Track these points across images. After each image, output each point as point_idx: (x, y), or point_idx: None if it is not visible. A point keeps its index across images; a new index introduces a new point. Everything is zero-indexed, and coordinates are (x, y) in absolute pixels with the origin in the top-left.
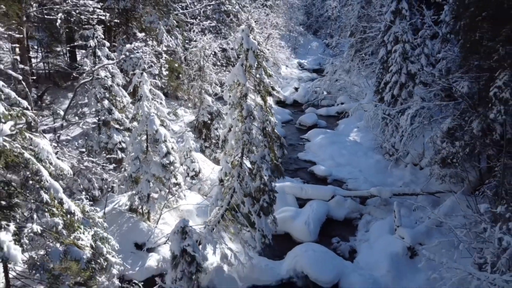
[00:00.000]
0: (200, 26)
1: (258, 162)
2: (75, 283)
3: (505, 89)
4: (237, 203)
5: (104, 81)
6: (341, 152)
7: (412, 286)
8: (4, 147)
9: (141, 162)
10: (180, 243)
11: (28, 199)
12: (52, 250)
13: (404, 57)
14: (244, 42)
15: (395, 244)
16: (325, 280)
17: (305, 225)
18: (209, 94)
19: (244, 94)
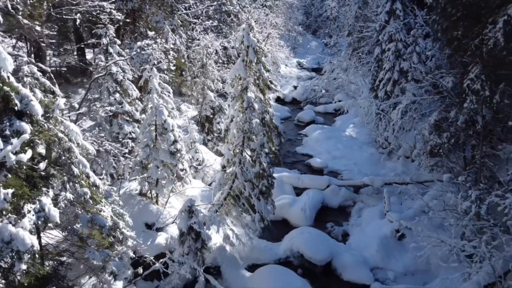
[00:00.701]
0: (202, 25)
1: (257, 150)
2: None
3: (477, 81)
4: (238, 188)
5: (116, 75)
6: (337, 146)
7: (399, 264)
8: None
9: (151, 150)
10: (187, 221)
11: (61, 172)
12: (81, 216)
13: (396, 55)
14: (245, 40)
15: (384, 228)
16: (319, 258)
17: (301, 211)
18: (212, 90)
19: (245, 87)
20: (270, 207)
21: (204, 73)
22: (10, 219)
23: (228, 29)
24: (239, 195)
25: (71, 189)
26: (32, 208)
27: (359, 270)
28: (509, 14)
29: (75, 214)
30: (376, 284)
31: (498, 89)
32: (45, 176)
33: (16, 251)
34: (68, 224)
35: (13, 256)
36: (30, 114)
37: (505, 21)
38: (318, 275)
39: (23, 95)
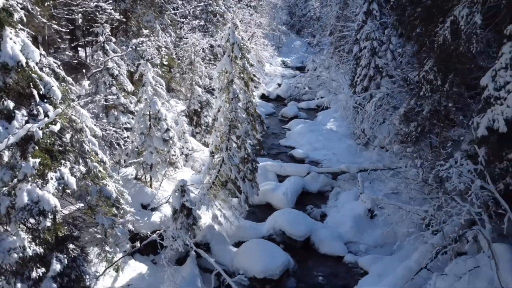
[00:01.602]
0: (189, 25)
1: (242, 136)
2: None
3: (430, 72)
4: (225, 171)
5: (111, 70)
6: (318, 138)
7: (370, 239)
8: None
9: (146, 137)
10: (179, 199)
11: (74, 149)
12: (91, 187)
13: (372, 52)
14: (230, 37)
15: (358, 208)
16: (299, 234)
17: (283, 195)
18: (199, 85)
19: (230, 80)
20: (254, 189)
21: (192, 70)
22: (37, 183)
23: (214, 28)
24: (227, 179)
25: (83, 163)
26: (54, 176)
27: (334, 244)
28: (455, 15)
29: (86, 185)
30: (349, 255)
31: (448, 79)
32: (62, 151)
33: (42, 210)
34: (80, 194)
35: (39, 214)
36: (51, 97)
37: (451, 21)
38: (298, 250)
39: (46, 81)
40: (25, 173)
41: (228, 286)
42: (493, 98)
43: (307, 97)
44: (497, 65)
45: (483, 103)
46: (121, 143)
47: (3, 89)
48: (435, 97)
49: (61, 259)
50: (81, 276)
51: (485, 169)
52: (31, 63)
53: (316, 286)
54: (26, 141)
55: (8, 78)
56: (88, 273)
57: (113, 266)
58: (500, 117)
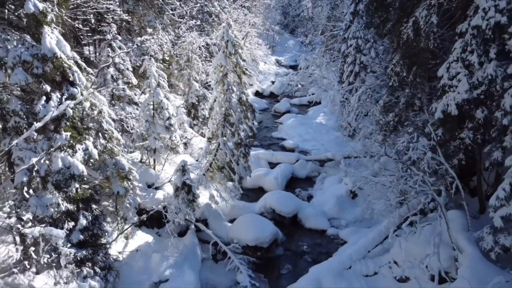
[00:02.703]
0: (187, 24)
1: (236, 123)
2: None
3: (397, 65)
4: (221, 155)
5: (118, 65)
6: (308, 131)
7: (351, 215)
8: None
9: (150, 124)
10: (181, 178)
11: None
12: (108, 160)
13: (357, 50)
14: (225, 36)
15: (341, 189)
16: (287, 211)
17: (274, 180)
18: (196, 80)
19: (225, 73)
20: (247, 171)
21: (189, 66)
22: (68, 152)
23: (210, 27)
24: (223, 163)
25: (102, 138)
26: (81, 147)
27: (318, 219)
28: (416, 16)
29: (104, 159)
30: (331, 229)
31: (412, 71)
32: (86, 127)
33: (72, 174)
34: (99, 166)
35: (70, 177)
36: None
37: (413, 21)
38: (287, 225)
39: (74, 70)
40: (59, 144)
41: (224, 253)
42: (447, 86)
43: (299, 94)
44: (450, 58)
45: (440, 91)
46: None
47: (42, 76)
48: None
49: (86, 216)
50: (101, 233)
51: (437, 144)
52: (63, 55)
53: (301, 254)
54: (59, 119)
55: (46, 67)
56: (107, 231)
57: (123, 234)
58: (452, 102)
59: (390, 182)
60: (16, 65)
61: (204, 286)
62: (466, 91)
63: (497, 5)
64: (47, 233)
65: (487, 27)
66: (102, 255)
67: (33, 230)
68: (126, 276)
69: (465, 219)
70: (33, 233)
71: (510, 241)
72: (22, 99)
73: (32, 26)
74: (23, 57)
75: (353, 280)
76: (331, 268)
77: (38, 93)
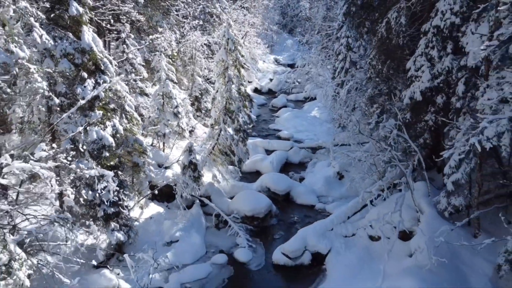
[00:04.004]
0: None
1: (235, 111)
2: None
3: (373, 59)
4: (222, 139)
5: (131, 60)
6: (302, 123)
7: (337, 193)
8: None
9: (160, 112)
10: (188, 157)
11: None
12: (130, 136)
13: (347, 48)
14: (226, 34)
15: (329, 171)
16: (281, 189)
17: (270, 164)
18: (199, 76)
19: (226, 67)
20: (246, 154)
21: (193, 62)
22: (100, 127)
23: (211, 27)
24: (224, 147)
25: (124, 118)
26: (110, 124)
27: (308, 196)
28: (388, 17)
29: (126, 136)
30: (319, 204)
31: (386, 64)
32: (112, 109)
33: (103, 144)
34: (123, 141)
35: (102, 147)
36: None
37: (386, 22)
38: (280, 201)
39: (104, 61)
40: (94, 120)
41: (225, 222)
42: (414, 76)
43: (296, 91)
44: (416, 53)
45: (408, 81)
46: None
47: (81, 65)
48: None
49: (114, 180)
50: (124, 196)
51: (402, 124)
52: (96, 49)
53: (292, 223)
54: (92, 100)
55: (84, 58)
56: (128, 195)
57: (139, 204)
58: (417, 89)
59: (365, 157)
60: (62, 56)
61: (208, 247)
62: (429, 81)
63: (452, 8)
64: (101, 173)
65: (444, 27)
66: (125, 215)
67: (90, 171)
68: (142, 236)
69: (426, 187)
70: (90, 173)
71: (459, 201)
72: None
73: (74, 25)
74: (67, 50)
75: (334, 239)
76: (315, 230)
77: (77, 79)
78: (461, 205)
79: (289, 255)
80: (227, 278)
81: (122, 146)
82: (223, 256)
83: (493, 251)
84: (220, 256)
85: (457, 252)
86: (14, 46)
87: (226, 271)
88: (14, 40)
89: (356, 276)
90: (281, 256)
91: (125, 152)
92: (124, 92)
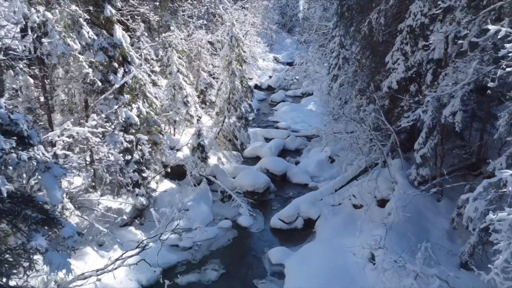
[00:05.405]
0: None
1: (238, 101)
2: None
3: (358, 54)
4: (226, 126)
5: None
6: (299, 115)
7: (328, 174)
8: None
9: (171, 101)
10: (197, 140)
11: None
12: (149, 118)
13: (341, 46)
14: (230, 32)
15: (321, 156)
16: (278, 170)
17: (269, 149)
18: (204, 71)
19: (230, 61)
20: (247, 138)
21: (199, 58)
22: (128, 108)
23: (214, 26)
24: (228, 133)
25: (146, 103)
26: (135, 106)
27: (302, 176)
28: (370, 18)
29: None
30: (312, 183)
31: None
32: (136, 94)
33: (130, 122)
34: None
35: (129, 125)
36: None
37: (368, 22)
38: (278, 181)
39: (130, 54)
40: (123, 102)
41: (229, 196)
42: (391, 69)
43: (294, 87)
44: (393, 48)
45: (387, 72)
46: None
47: (113, 57)
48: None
49: (138, 153)
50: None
51: (379, 108)
52: (125, 44)
53: (288, 198)
54: (122, 86)
55: (115, 51)
56: (149, 168)
57: (154, 179)
58: (394, 80)
59: (350, 137)
60: (98, 49)
61: (215, 216)
62: (403, 72)
63: (422, 10)
64: (138, 137)
65: (416, 26)
66: (146, 184)
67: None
68: (159, 205)
69: (401, 162)
70: (130, 138)
71: (426, 171)
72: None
73: (107, 24)
74: (103, 44)
75: (323, 207)
76: (307, 199)
77: (110, 68)
78: (428, 175)
79: (285, 220)
80: (231, 238)
81: (144, 126)
82: (228, 221)
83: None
84: (225, 222)
85: (422, 212)
86: (70, 40)
87: (230, 233)
88: (70, 36)
89: (339, 235)
90: (278, 221)
91: (145, 131)
92: (145, 80)
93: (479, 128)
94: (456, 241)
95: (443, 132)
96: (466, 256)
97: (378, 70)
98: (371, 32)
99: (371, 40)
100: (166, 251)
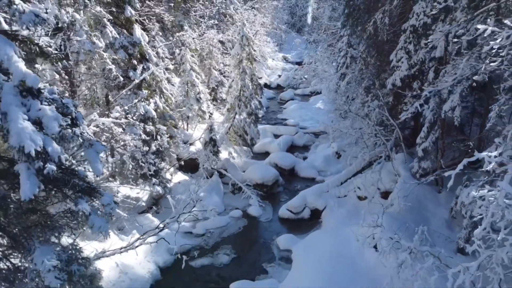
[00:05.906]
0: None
1: (248, 97)
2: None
3: (364, 52)
4: (237, 122)
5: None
6: (307, 113)
7: (334, 169)
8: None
9: (184, 97)
10: (209, 134)
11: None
12: (165, 113)
13: (349, 45)
14: (241, 31)
15: (329, 151)
16: (286, 164)
17: (277, 145)
18: (216, 69)
19: (240, 59)
20: (257, 134)
21: (210, 57)
22: (146, 103)
23: (224, 26)
24: (238, 127)
25: (162, 98)
26: (152, 101)
27: (310, 170)
28: (375, 18)
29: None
30: (319, 177)
31: (374, 57)
32: (153, 90)
33: (148, 116)
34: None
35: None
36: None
37: (373, 22)
38: (286, 175)
39: (148, 52)
40: (142, 97)
41: (239, 189)
42: (395, 66)
43: (303, 86)
44: (397, 47)
45: (392, 70)
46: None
47: (132, 55)
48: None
49: (155, 144)
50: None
51: (383, 104)
52: (143, 42)
53: (296, 191)
54: (140, 82)
55: (135, 49)
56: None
57: (169, 171)
58: (398, 77)
59: (355, 132)
60: (119, 47)
61: (226, 206)
62: (407, 70)
63: (425, 10)
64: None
65: (419, 26)
66: (162, 174)
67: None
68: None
69: (404, 156)
70: (150, 128)
71: (427, 164)
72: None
73: (127, 24)
74: (123, 43)
75: (329, 199)
76: (314, 191)
77: (129, 65)
78: (429, 167)
79: (292, 210)
80: (242, 227)
81: (160, 119)
82: (238, 211)
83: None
84: (236, 211)
85: (423, 203)
86: (95, 39)
87: (241, 222)
88: (95, 35)
89: (344, 224)
90: (286, 211)
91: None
92: (161, 77)
93: (479, 124)
94: (455, 229)
95: (444, 127)
96: (463, 241)
97: (383, 68)
98: (376, 32)
99: (376, 39)
100: (180, 237)
